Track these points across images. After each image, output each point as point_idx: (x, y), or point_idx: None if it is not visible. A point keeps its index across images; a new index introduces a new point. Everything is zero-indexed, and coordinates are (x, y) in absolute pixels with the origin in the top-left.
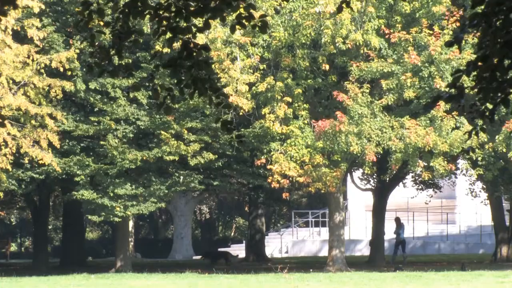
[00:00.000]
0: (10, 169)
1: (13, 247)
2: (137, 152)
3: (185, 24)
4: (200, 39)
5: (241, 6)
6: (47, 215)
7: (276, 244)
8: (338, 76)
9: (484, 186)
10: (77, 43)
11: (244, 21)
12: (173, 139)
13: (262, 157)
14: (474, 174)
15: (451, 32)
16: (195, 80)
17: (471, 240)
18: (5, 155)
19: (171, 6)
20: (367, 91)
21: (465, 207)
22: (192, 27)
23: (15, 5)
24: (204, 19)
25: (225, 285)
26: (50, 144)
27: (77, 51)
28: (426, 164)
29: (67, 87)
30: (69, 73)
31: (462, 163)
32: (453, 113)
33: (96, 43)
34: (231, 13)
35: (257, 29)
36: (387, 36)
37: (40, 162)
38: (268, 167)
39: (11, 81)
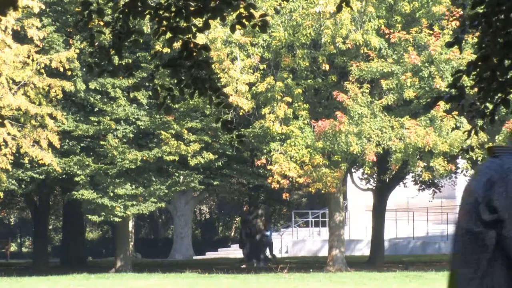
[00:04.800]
0: (10, 169)
1: (13, 247)
2: (137, 152)
3: (185, 24)
4: (200, 39)
5: (241, 6)
6: (47, 215)
7: (276, 244)
8: (338, 76)
9: None
10: (77, 43)
11: (244, 20)
12: (173, 139)
13: (262, 157)
14: None
15: (451, 32)
16: (195, 80)
17: None
18: (5, 155)
19: (171, 6)
20: (367, 91)
21: None
22: (192, 27)
23: (16, 6)
24: (204, 19)
25: (225, 285)
26: (50, 144)
27: (77, 51)
28: (426, 164)
29: (67, 87)
30: (69, 73)
31: (462, 163)
32: (453, 113)
33: (96, 43)
34: (231, 13)
35: (257, 28)
36: (387, 36)
37: (40, 162)
38: (268, 167)
39: (11, 81)
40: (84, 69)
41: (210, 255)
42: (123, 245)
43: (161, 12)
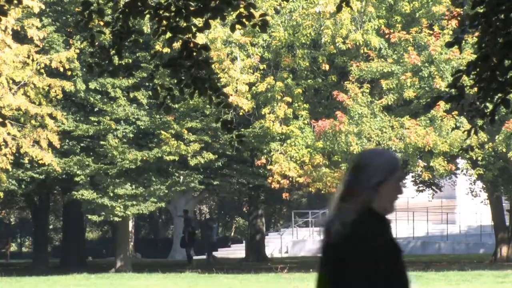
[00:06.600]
0: (10, 169)
1: (13, 247)
2: (137, 152)
3: (185, 24)
4: (200, 39)
5: (241, 5)
6: (47, 215)
7: (276, 244)
8: (338, 76)
9: (484, 186)
10: (77, 43)
11: (244, 20)
12: (173, 139)
13: (262, 157)
14: (474, 174)
15: (451, 32)
16: (195, 80)
17: (471, 240)
18: (5, 155)
19: (171, 6)
20: (367, 91)
21: (465, 207)
22: (192, 27)
23: (20, 1)
24: (204, 19)
25: (225, 285)
26: (50, 144)
27: (77, 51)
28: (426, 164)
29: (67, 87)
30: (69, 73)
31: (462, 163)
32: (453, 113)
33: (96, 43)
34: (231, 13)
35: (257, 28)
36: (387, 36)
37: (40, 162)
38: (268, 167)
39: (11, 81)
40: (84, 69)
41: None
42: (123, 245)
43: (161, 12)
